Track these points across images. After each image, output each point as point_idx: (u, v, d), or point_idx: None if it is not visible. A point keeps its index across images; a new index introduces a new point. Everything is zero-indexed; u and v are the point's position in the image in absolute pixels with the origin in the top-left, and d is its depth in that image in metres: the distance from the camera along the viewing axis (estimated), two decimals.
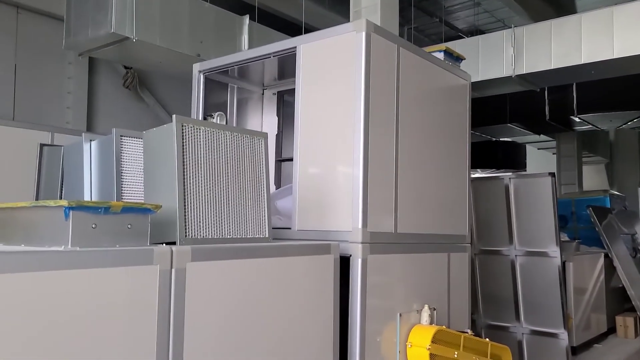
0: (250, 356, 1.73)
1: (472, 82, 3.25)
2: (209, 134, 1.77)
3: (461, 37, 8.61)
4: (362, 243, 2.26)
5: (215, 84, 3.26)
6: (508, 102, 8.94)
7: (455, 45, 5.86)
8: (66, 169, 2.03)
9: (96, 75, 7.04)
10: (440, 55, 2.94)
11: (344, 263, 2.23)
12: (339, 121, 2.42)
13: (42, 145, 2.12)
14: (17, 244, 1.46)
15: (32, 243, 1.42)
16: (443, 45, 3.04)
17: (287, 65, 2.97)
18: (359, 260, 2.25)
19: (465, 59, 3.19)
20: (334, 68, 2.47)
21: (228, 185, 1.82)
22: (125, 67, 7.02)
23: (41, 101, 6.39)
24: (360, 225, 2.27)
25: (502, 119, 9.34)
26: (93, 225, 1.37)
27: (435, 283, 2.80)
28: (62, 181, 2.05)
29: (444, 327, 2.51)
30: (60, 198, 2.08)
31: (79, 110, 6.77)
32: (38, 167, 2.11)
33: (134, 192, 1.90)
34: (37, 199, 2.14)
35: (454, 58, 3.07)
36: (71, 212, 1.31)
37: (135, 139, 1.93)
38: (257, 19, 5.76)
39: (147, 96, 7.43)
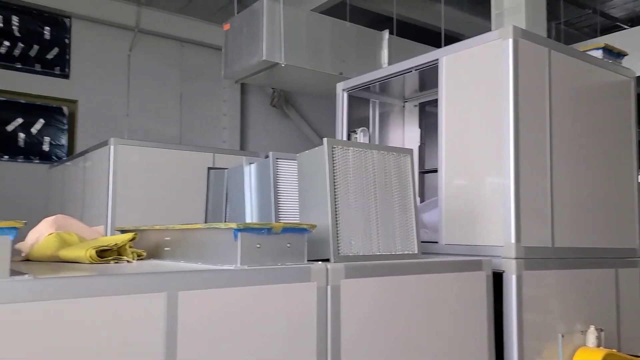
0: None
1: (637, 77, 2.93)
2: (357, 154, 1.83)
3: (620, 28, 7.77)
4: (516, 259, 2.15)
5: (357, 100, 3.35)
6: None
7: (613, 38, 5.32)
8: (230, 190, 2.24)
9: (247, 96, 7.63)
10: (599, 54, 2.70)
11: (496, 279, 2.15)
12: (486, 130, 2.34)
13: (209, 169, 2.37)
14: (194, 261, 1.65)
15: (206, 261, 1.60)
16: (601, 42, 2.78)
17: (428, 77, 2.96)
18: (514, 277, 2.14)
19: (627, 54, 2.89)
20: (479, 77, 2.40)
21: (376, 202, 1.86)
22: (273, 88, 7.52)
23: (202, 124, 7.10)
24: (513, 240, 2.17)
25: None
26: (258, 245, 1.49)
27: (602, 302, 2.56)
28: (227, 201, 2.26)
29: (614, 350, 2.28)
30: (225, 217, 2.30)
31: (234, 129, 7.39)
32: (207, 189, 2.35)
33: (290, 211, 2.03)
34: (206, 218, 2.39)
35: (615, 55, 2.79)
36: (239, 234, 1.45)
37: (290, 161, 2.06)
38: (395, 32, 5.80)
39: (293, 113, 7.86)
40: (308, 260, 1.65)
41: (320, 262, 1.62)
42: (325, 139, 1.76)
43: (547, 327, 2.26)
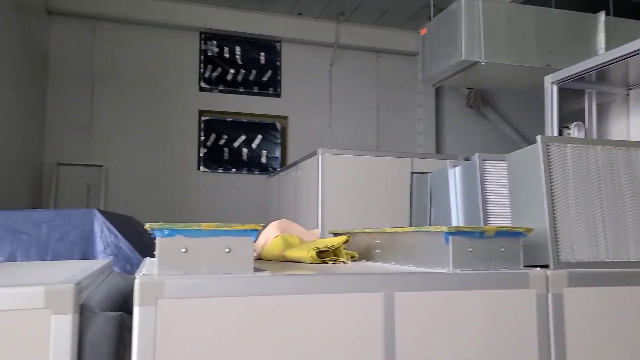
0: None
1: None
2: (577, 151, 1.68)
3: None
4: None
5: (569, 93, 3.07)
6: None
7: None
8: (434, 193, 2.24)
9: (442, 99, 7.53)
10: None
11: None
12: None
13: (412, 174, 2.40)
14: (405, 264, 1.69)
15: (417, 264, 1.62)
16: None
17: None
18: None
19: None
20: None
21: (602, 204, 1.68)
22: (468, 88, 7.29)
23: (398, 131, 7.23)
24: None
25: None
26: (469, 249, 1.47)
27: None
28: (431, 205, 2.26)
29: None
30: (430, 221, 2.30)
31: (429, 134, 7.37)
32: (410, 193, 2.38)
33: (499, 215, 1.95)
34: (410, 221, 2.43)
35: None
36: (451, 237, 1.44)
37: (496, 162, 1.98)
38: (612, 12, 5.15)
39: (490, 113, 7.52)
40: (524, 266, 1.56)
41: (538, 268, 1.53)
42: (539, 137, 1.65)
43: None
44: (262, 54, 6.63)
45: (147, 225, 1.20)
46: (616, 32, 4.91)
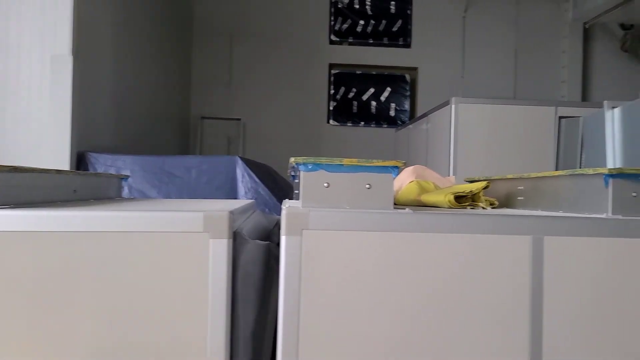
0: None
1: None
2: None
3: None
4: None
5: None
6: None
7: None
8: (586, 138, 2.04)
9: (591, 43, 6.78)
10: None
11: None
12: None
13: (560, 118, 2.20)
14: (553, 210, 1.57)
15: (567, 210, 1.50)
16: None
17: None
18: None
19: None
20: None
21: None
22: (624, 29, 6.47)
23: (538, 79, 6.67)
24: None
25: None
26: (634, 194, 1.32)
27: None
28: (582, 150, 2.07)
29: None
30: (580, 167, 2.11)
31: (574, 82, 6.71)
32: (557, 139, 2.20)
33: None
34: (556, 168, 2.25)
35: None
36: (611, 180, 1.31)
37: None
38: None
39: None
40: None
41: None
42: None
43: None
44: (393, 2, 6.44)
45: (292, 160, 1.25)
46: None
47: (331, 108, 6.36)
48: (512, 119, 3.94)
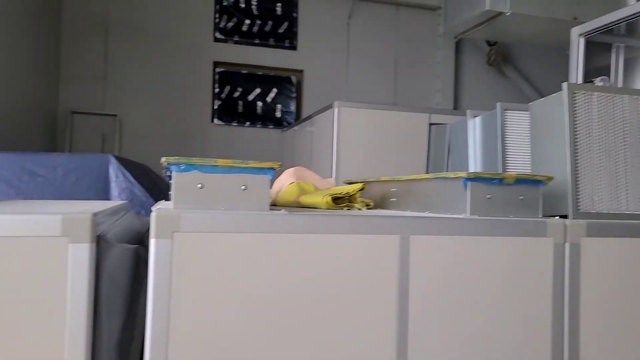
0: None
1: None
2: (604, 100, 1.62)
3: None
4: None
5: (596, 46, 2.96)
6: None
7: None
8: (452, 144, 2.20)
9: (462, 56, 7.35)
10: None
11: None
12: None
13: (431, 125, 2.36)
14: (421, 211, 1.67)
15: (434, 210, 1.61)
16: None
17: None
18: None
19: None
20: None
21: (627, 155, 1.63)
22: (490, 44, 7.10)
23: (415, 87, 7.10)
24: None
25: None
26: (488, 196, 1.44)
27: None
28: (449, 156, 2.23)
29: None
30: (446, 171, 2.27)
31: (447, 91, 7.22)
32: (428, 145, 2.34)
33: (518, 165, 1.91)
34: (427, 171, 2.40)
35: None
36: (469, 183, 1.42)
37: (518, 112, 1.93)
38: None
39: (511, 71, 7.34)
40: (543, 216, 1.54)
41: (557, 218, 1.50)
42: (564, 84, 1.59)
43: None
44: (279, 4, 6.47)
45: (163, 159, 1.19)
46: None
47: (216, 107, 6.23)
48: (391, 124, 4.14)
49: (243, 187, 1.24)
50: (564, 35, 3.06)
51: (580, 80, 2.86)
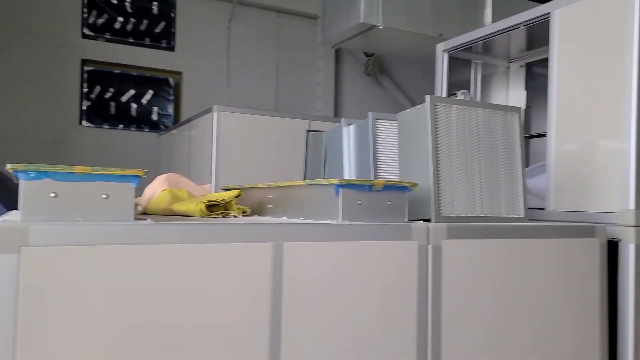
0: (505, 341, 1.69)
1: None
2: (461, 112, 1.76)
3: None
4: (635, 227, 1.98)
5: (458, 62, 3.22)
6: None
7: None
8: (328, 151, 2.26)
9: (342, 65, 7.60)
10: None
11: (610, 249, 1.99)
12: (604, 91, 2.15)
13: (308, 132, 2.40)
14: (296, 217, 1.69)
15: (308, 217, 1.63)
16: None
17: (536, 34, 2.77)
18: (632, 247, 1.98)
19: None
20: (597, 32, 2.20)
21: (480, 163, 1.79)
22: (367, 56, 7.42)
23: (297, 94, 7.20)
24: (632, 206, 2.00)
25: None
26: (359, 202, 1.50)
27: None
28: (325, 163, 2.28)
29: None
30: (323, 177, 2.32)
31: (328, 99, 7.43)
32: (305, 151, 2.38)
33: (389, 172, 2.01)
34: (305, 178, 2.43)
35: None
36: (341, 190, 1.46)
37: (389, 122, 2.03)
38: None
39: (387, 81, 7.74)
40: (410, 220, 1.63)
41: (421, 221, 1.60)
42: (427, 96, 1.70)
43: None
44: (155, 3, 6.20)
45: (8, 166, 1.07)
46: (502, 8, 5.24)
47: (84, 108, 5.80)
48: (270, 130, 4.16)
49: (104, 196, 1.16)
50: (431, 50, 3.29)
51: (444, 93, 3.09)
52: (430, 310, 1.54)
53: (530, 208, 2.39)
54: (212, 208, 1.76)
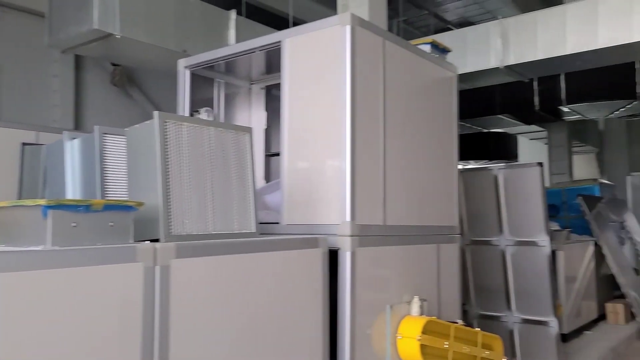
0: (239, 352, 1.73)
1: (461, 74, 3.24)
2: (193, 130, 1.75)
3: (450, 29, 8.60)
4: (350, 236, 2.25)
5: (201, 80, 3.24)
6: (498, 94, 8.94)
7: (443, 37, 5.84)
8: (48, 168, 2.01)
9: (83, 72, 6.97)
10: (427, 48, 2.93)
11: (335, 257, 2.23)
12: (326, 115, 2.41)
13: (23, 145, 2.10)
14: (1, 244, 1.44)
15: (13, 243, 1.40)
16: (429, 38, 3.03)
17: (274, 59, 2.96)
18: (348, 254, 2.24)
19: (451, 50, 3.18)
20: (319, 62, 2.45)
21: (213, 180, 1.80)
22: (114, 64, 6.97)
23: (27, 100, 6.33)
24: (348, 218, 2.27)
25: (492, 110, 9.35)
26: (73, 224, 1.35)
27: (425, 274, 2.81)
28: (45, 180, 2.02)
29: (434, 317, 2.51)
30: (42, 197, 2.06)
31: (67, 108, 6.71)
32: (20, 167, 2.08)
33: (119, 191, 1.88)
34: (19, 198, 2.12)
35: (441, 50, 3.06)
36: (50, 211, 1.30)
37: (119, 137, 1.90)
38: (245, 14, 5.72)
39: (136, 93, 7.38)
40: (137, 241, 1.54)
41: (147, 242, 1.53)
42: (156, 113, 1.65)
43: (378, 300, 2.41)
44: None
45: None
46: (245, 31, 5.49)
47: None
48: None
49: None
50: (176, 65, 3.24)
51: (187, 109, 3.06)
52: (158, 333, 1.47)
53: (267, 223, 2.53)
54: None
